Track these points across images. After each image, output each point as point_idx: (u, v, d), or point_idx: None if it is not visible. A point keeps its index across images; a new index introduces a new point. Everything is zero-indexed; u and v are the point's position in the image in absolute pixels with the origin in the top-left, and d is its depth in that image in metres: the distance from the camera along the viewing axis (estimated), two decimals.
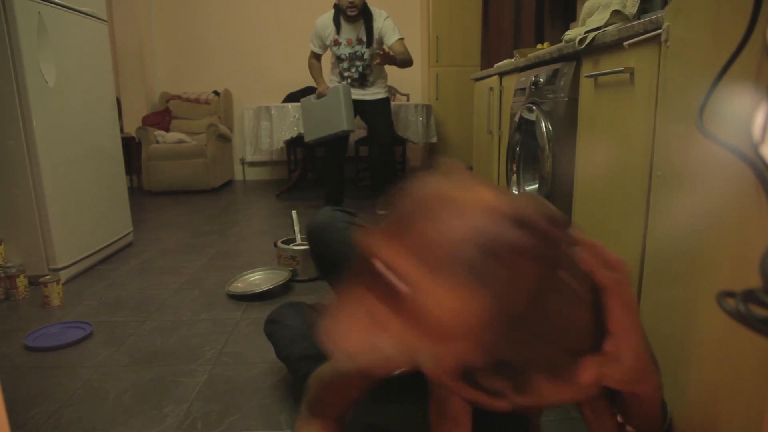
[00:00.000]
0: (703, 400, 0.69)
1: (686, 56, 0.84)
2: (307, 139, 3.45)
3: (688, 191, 0.78)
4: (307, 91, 5.03)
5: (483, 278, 0.40)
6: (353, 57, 3.19)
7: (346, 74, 3.26)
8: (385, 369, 0.70)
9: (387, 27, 3.12)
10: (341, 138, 3.26)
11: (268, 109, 3.90)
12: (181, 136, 4.61)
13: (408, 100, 5.11)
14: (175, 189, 4.52)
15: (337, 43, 3.18)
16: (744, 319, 0.28)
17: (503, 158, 2.41)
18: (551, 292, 0.45)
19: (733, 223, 0.61)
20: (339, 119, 3.13)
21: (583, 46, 1.50)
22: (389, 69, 5.46)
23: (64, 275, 2.13)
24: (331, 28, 3.16)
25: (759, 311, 0.29)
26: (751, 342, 0.56)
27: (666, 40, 0.97)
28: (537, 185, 1.95)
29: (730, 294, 0.30)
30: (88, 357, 1.53)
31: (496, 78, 2.61)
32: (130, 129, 4.75)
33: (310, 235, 1.27)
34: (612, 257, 0.50)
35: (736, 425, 0.61)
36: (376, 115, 3.32)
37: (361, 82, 3.27)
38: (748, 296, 0.29)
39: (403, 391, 0.81)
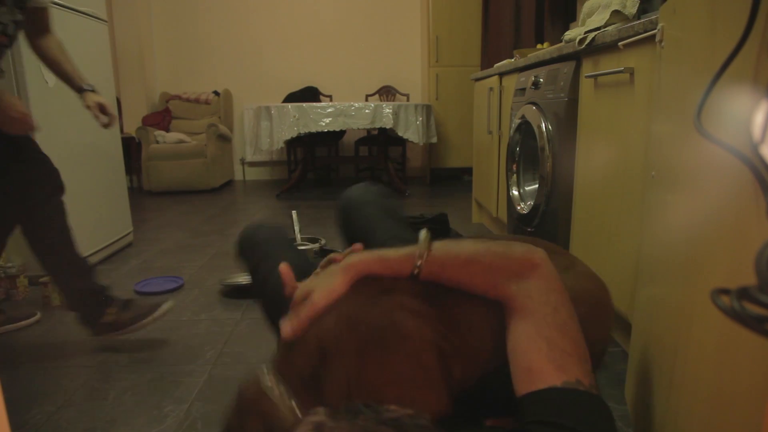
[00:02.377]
0: (700, 400, 0.69)
1: (681, 57, 0.84)
2: None
3: (684, 191, 0.78)
4: (307, 91, 5.05)
5: None
6: None
7: None
8: None
9: None
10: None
11: (268, 109, 3.90)
12: (181, 136, 4.61)
13: (408, 100, 5.11)
14: (175, 189, 4.52)
15: None
16: (738, 316, 0.28)
17: (503, 158, 2.41)
18: None
19: (729, 223, 0.61)
20: None
21: (583, 46, 1.50)
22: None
23: None
24: None
25: (754, 309, 0.29)
26: (750, 342, 0.56)
27: (660, 41, 0.97)
28: (537, 185, 1.95)
29: (725, 291, 0.30)
30: (88, 357, 1.53)
31: (496, 78, 2.61)
32: (130, 129, 4.75)
33: (342, 212, 1.21)
34: None
35: (734, 426, 0.61)
36: None
37: None
38: (743, 294, 0.29)
39: None
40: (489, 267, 0.69)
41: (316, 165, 4.60)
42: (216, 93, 5.04)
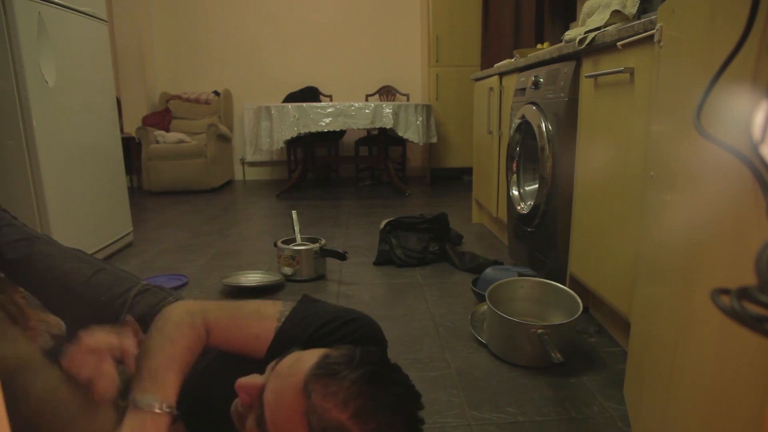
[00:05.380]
0: (699, 400, 0.69)
1: (680, 57, 0.84)
2: None
3: (683, 191, 0.78)
4: (307, 91, 5.04)
5: None
6: None
7: None
8: None
9: None
10: None
11: (268, 109, 3.90)
12: (181, 136, 4.61)
13: (408, 100, 5.11)
14: (175, 189, 4.52)
15: None
16: (738, 316, 0.29)
17: (503, 158, 2.42)
18: None
19: (729, 222, 0.61)
20: None
21: (583, 46, 1.50)
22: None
23: None
24: None
25: (754, 309, 0.29)
26: (748, 341, 0.56)
27: (659, 41, 0.97)
28: (537, 185, 1.95)
29: (725, 291, 0.30)
30: None
31: (496, 78, 2.61)
32: (130, 129, 4.75)
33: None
34: None
35: (733, 425, 0.61)
36: None
37: None
38: (743, 294, 0.29)
39: None
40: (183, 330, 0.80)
41: (316, 165, 4.60)
42: (216, 93, 5.04)
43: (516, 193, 2.21)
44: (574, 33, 1.64)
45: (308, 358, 0.67)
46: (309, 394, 0.62)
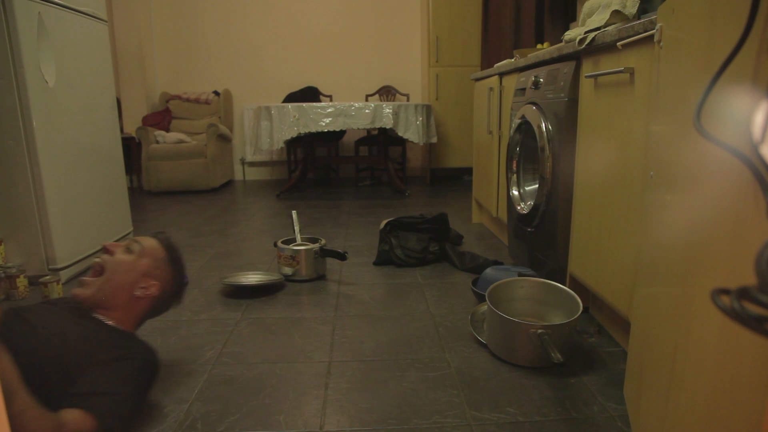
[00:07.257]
0: (699, 400, 0.69)
1: (680, 57, 0.84)
2: None
3: (683, 191, 0.78)
4: (307, 91, 5.04)
5: None
6: None
7: None
8: None
9: None
10: None
11: (268, 109, 3.90)
12: (181, 136, 4.61)
13: (408, 100, 5.11)
14: (175, 189, 4.52)
15: None
16: (738, 316, 0.29)
17: (503, 158, 2.41)
18: None
19: (729, 222, 0.61)
20: None
21: (583, 46, 1.50)
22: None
23: (64, 275, 2.13)
24: None
25: (754, 309, 0.29)
26: (748, 341, 0.56)
27: (659, 41, 0.97)
28: (537, 185, 1.95)
29: (725, 291, 0.30)
30: None
31: (496, 78, 2.61)
32: (130, 129, 4.75)
33: None
34: None
35: (733, 425, 0.61)
36: None
37: None
38: (743, 294, 0.29)
39: None
40: None
41: (316, 165, 4.59)
42: (216, 93, 5.04)
43: (516, 193, 2.21)
44: (574, 33, 1.64)
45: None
46: (157, 235, 1.35)
